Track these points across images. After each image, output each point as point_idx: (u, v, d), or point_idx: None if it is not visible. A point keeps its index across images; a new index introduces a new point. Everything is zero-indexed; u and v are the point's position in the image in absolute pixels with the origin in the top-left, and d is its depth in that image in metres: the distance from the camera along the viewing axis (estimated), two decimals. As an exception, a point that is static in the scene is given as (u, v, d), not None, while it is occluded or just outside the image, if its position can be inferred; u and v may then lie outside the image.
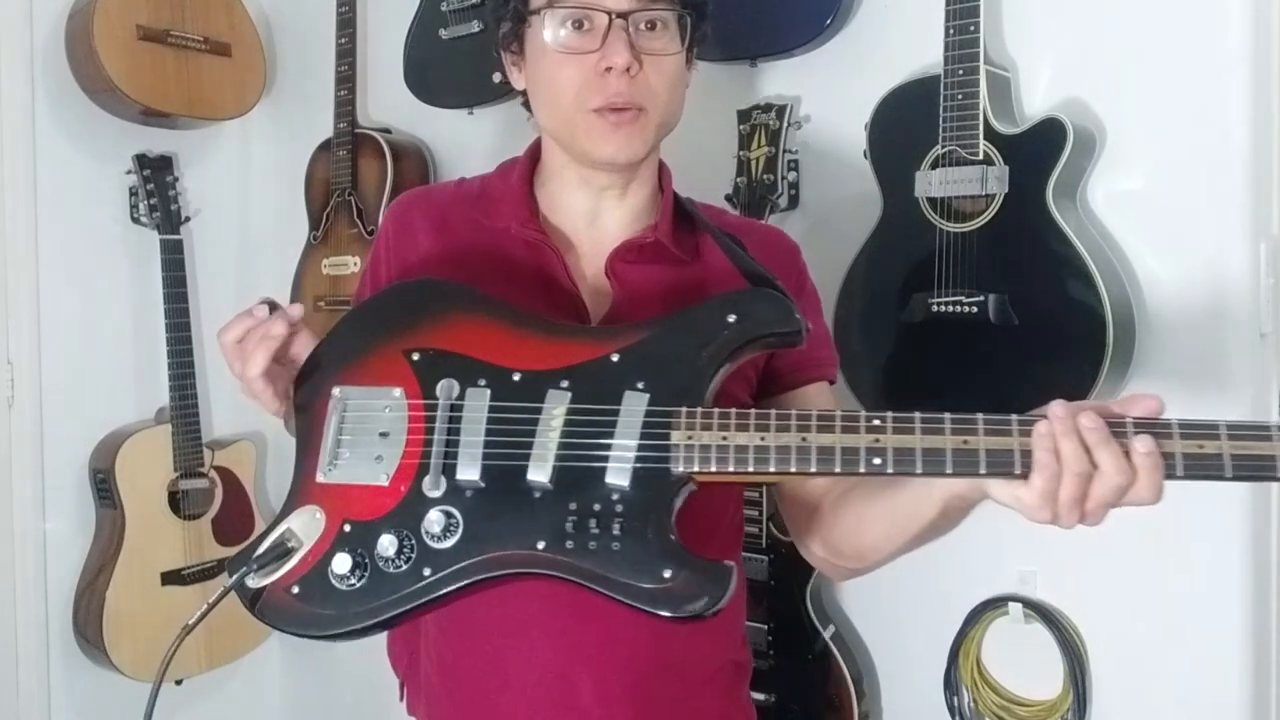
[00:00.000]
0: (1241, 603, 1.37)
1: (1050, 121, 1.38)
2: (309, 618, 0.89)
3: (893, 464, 0.82)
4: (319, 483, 0.94)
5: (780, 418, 0.85)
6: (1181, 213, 1.39)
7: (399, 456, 0.92)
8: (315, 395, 0.98)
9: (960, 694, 1.56)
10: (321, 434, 0.96)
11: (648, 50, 1.00)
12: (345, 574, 0.88)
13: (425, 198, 1.17)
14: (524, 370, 0.93)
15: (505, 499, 0.89)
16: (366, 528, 0.90)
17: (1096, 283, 1.33)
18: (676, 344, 0.92)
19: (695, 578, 0.83)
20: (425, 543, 0.88)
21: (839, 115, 1.64)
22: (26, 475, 2.19)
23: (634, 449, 0.87)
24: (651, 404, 0.88)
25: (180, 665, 2.25)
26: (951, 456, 0.81)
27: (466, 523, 0.88)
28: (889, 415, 0.83)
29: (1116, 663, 1.46)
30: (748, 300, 0.94)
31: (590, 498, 0.87)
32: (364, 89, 2.28)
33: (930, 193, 1.45)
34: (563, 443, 0.88)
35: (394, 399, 0.94)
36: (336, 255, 2.19)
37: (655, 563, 0.84)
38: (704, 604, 0.82)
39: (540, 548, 0.86)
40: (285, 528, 0.92)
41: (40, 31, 2.19)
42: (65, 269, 2.25)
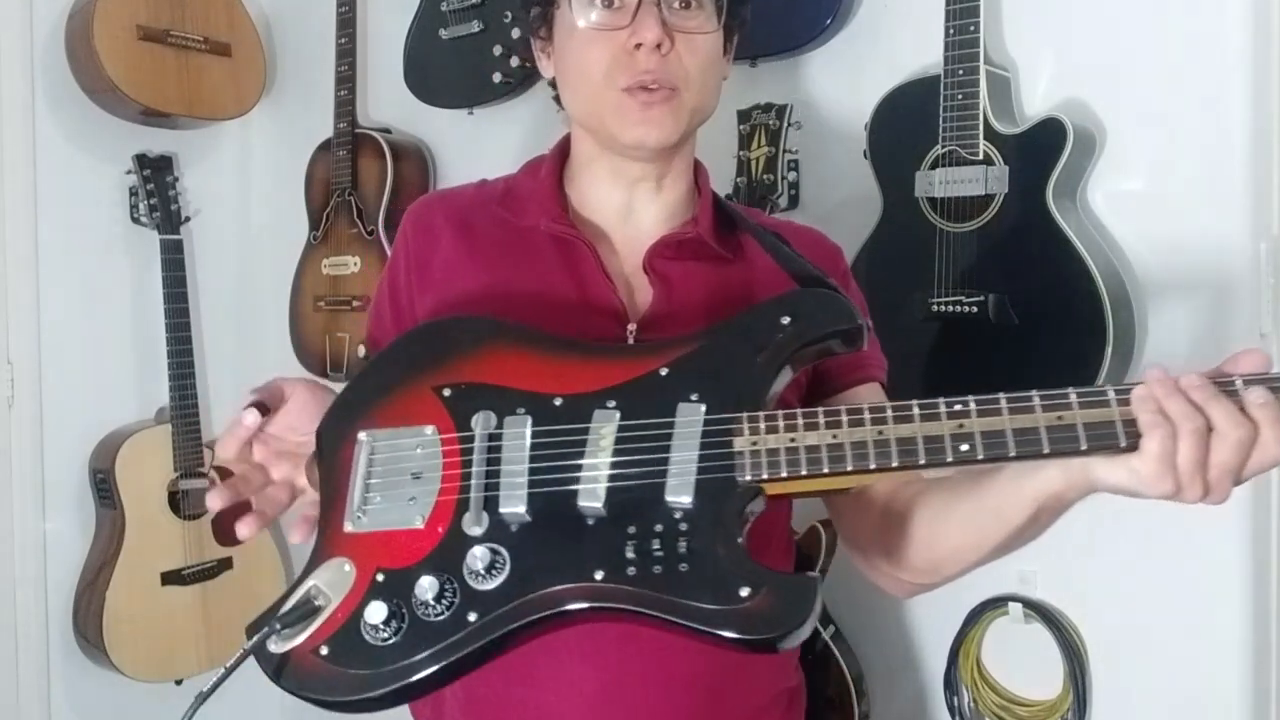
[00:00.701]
0: (1241, 603, 1.37)
1: (1050, 121, 1.38)
2: (339, 681, 0.79)
3: (983, 449, 0.74)
4: (347, 533, 0.85)
5: (852, 413, 0.78)
6: (1181, 213, 1.39)
7: (434, 495, 0.84)
8: (338, 443, 0.90)
9: (960, 694, 1.56)
10: (347, 482, 0.87)
11: (681, 28, 0.96)
12: (380, 624, 0.78)
13: (446, 199, 1.12)
14: (566, 394, 0.85)
15: (555, 530, 0.80)
16: (402, 575, 0.80)
17: (1096, 282, 1.33)
18: (729, 352, 0.85)
19: (777, 595, 0.73)
20: (468, 584, 0.78)
21: (839, 115, 1.64)
22: (26, 475, 2.19)
23: (694, 460, 0.79)
24: (709, 413, 0.81)
25: (180, 665, 2.25)
26: (1047, 434, 0.73)
27: (514, 559, 0.79)
28: (970, 399, 0.76)
29: (1116, 663, 1.46)
30: (802, 300, 0.88)
31: (650, 519, 0.78)
32: (364, 89, 2.28)
33: (930, 193, 1.45)
34: (615, 462, 0.80)
35: (426, 437, 0.86)
36: (336, 255, 2.19)
37: (730, 581, 0.74)
38: (789, 624, 0.72)
39: (599, 578, 0.77)
40: (311, 585, 0.83)
41: (40, 31, 2.19)
42: (65, 269, 2.25)
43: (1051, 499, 0.79)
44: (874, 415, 0.77)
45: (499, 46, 1.92)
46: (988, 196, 1.41)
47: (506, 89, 1.94)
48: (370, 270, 2.12)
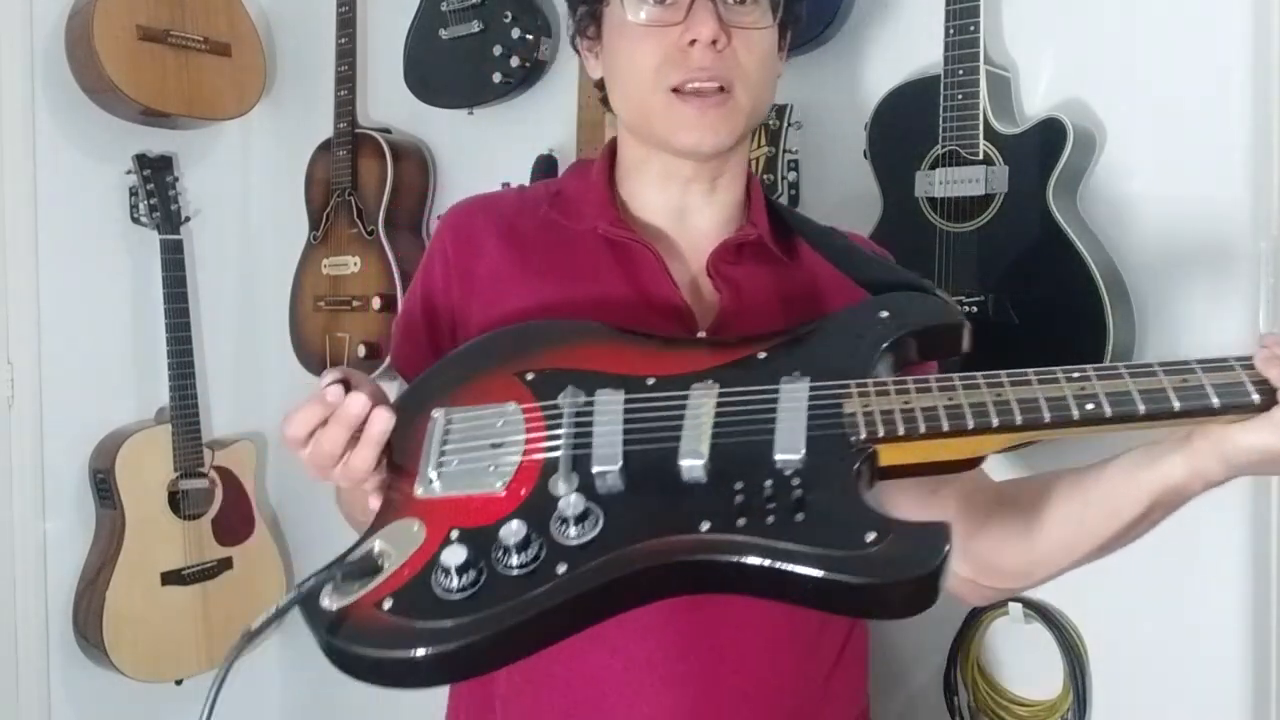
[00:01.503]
0: (1241, 602, 1.37)
1: (1050, 121, 1.38)
2: (403, 634, 0.66)
3: (1110, 405, 0.69)
4: (418, 498, 0.76)
5: (965, 378, 0.73)
6: (1181, 213, 1.39)
7: (515, 466, 0.75)
8: (411, 418, 0.81)
9: (960, 694, 1.55)
10: (419, 454, 0.78)
11: (736, 23, 0.92)
12: (456, 569, 0.67)
13: (486, 206, 1.07)
14: (660, 376, 0.79)
15: (654, 489, 0.72)
16: (481, 531, 0.70)
17: (1096, 282, 1.33)
18: (828, 339, 0.81)
19: (906, 539, 0.65)
20: (556, 539, 0.69)
21: (839, 115, 1.64)
22: (26, 475, 2.20)
23: (804, 420, 0.72)
24: (815, 383, 0.75)
25: (180, 665, 2.26)
26: (1175, 393, 0.69)
27: (608, 516, 0.70)
28: (1088, 367, 0.72)
29: (1116, 663, 1.46)
30: (896, 299, 0.84)
31: (759, 476, 0.70)
32: (364, 89, 2.28)
33: (930, 193, 1.45)
34: (718, 423, 0.74)
35: (508, 411, 0.79)
36: (336, 255, 2.19)
37: (852, 528, 0.66)
38: (922, 565, 0.63)
39: (705, 529, 0.68)
40: (374, 543, 0.72)
41: (40, 31, 2.20)
42: (65, 269, 2.25)
43: (1170, 493, 0.75)
44: (989, 381, 0.73)
45: (499, 46, 1.92)
46: (988, 196, 1.41)
47: (506, 89, 1.94)
48: (370, 270, 2.12)
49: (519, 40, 1.90)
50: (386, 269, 2.09)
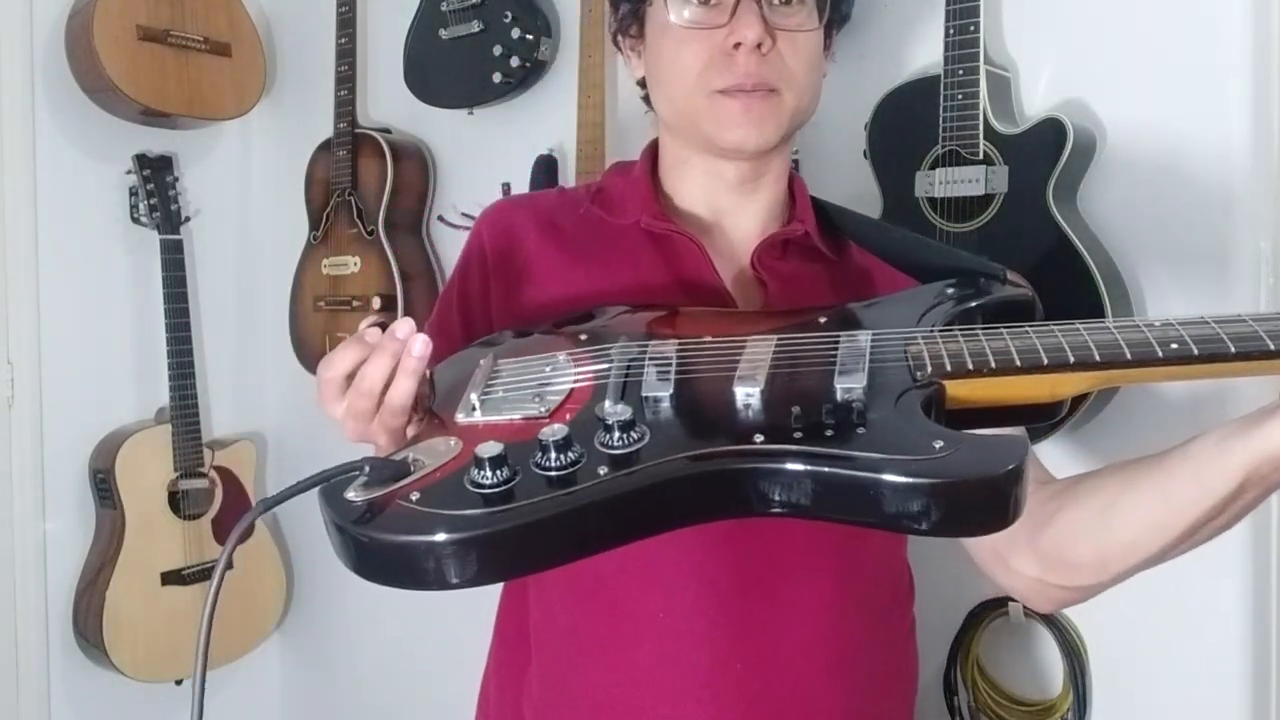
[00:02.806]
0: (1241, 602, 1.37)
1: (1050, 121, 1.38)
2: (429, 519, 0.60)
3: (1196, 345, 0.64)
4: (458, 422, 0.71)
5: (1038, 327, 0.69)
6: (1181, 213, 1.39)
7: (561, 396, 0.72)
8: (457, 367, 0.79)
9: (960, 694, 1.55)
10: (463, 389, 0.75)
11: (782, 26, 0.90)
12: (489, 460, 0.61)
13: (524, 203, 1.08)
14: (716, 335, 0.76)
15: (709, 405, 0.69)
16: (519, 444, 0.64)
17: (1096, 282, 1.33)
18: (891, 309, 0.79)
19: (978, 446, 0.60)
20: (598, 448, 0.64)
21: (839, 115, 1.64)
22: (26, 475, 2.20)
23: (866, 353, 0.69)
24: (876, 334, 0.72)
25: (180, 665, 2.26)
26: (1269, 334, 0.63)
27: (654, 430, 0.65)
28: (1172, 318, 0.67)
29: (1116, 663, 1.46)
30: (964, 278, 0.81)
31: (818, 399, 0.65)
32: (364, 89, 2.28)
33: (930, 193, 1.45)
34: (776, 358, 0.70)
35: (558, 361, 0.76)
36: (336, 255, 2.18)
37: (919, 437, 0.61)
38: (998, 465, 0.58)
39: (759, 440, 0.63)
40: (407, 453, 0.68)
41: (40, 31, 2.19)
42: (65, 269, 2.25)
43: (1266, 462, 0.69)
44: (1063, 328, 0.68)
45: (499, 46, 1.92)
46: (988, 196, 1.41)
47: (506, 89, 1.94)
48: (370, 270, 2.12)
49: (519, 40, 1.90)
50: (386, 269, 2.09)
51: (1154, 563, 0.81)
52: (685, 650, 0.89)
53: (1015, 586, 0.93)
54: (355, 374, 0.76)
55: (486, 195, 2.07)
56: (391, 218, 2.13)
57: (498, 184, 2.03)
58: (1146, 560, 0.81)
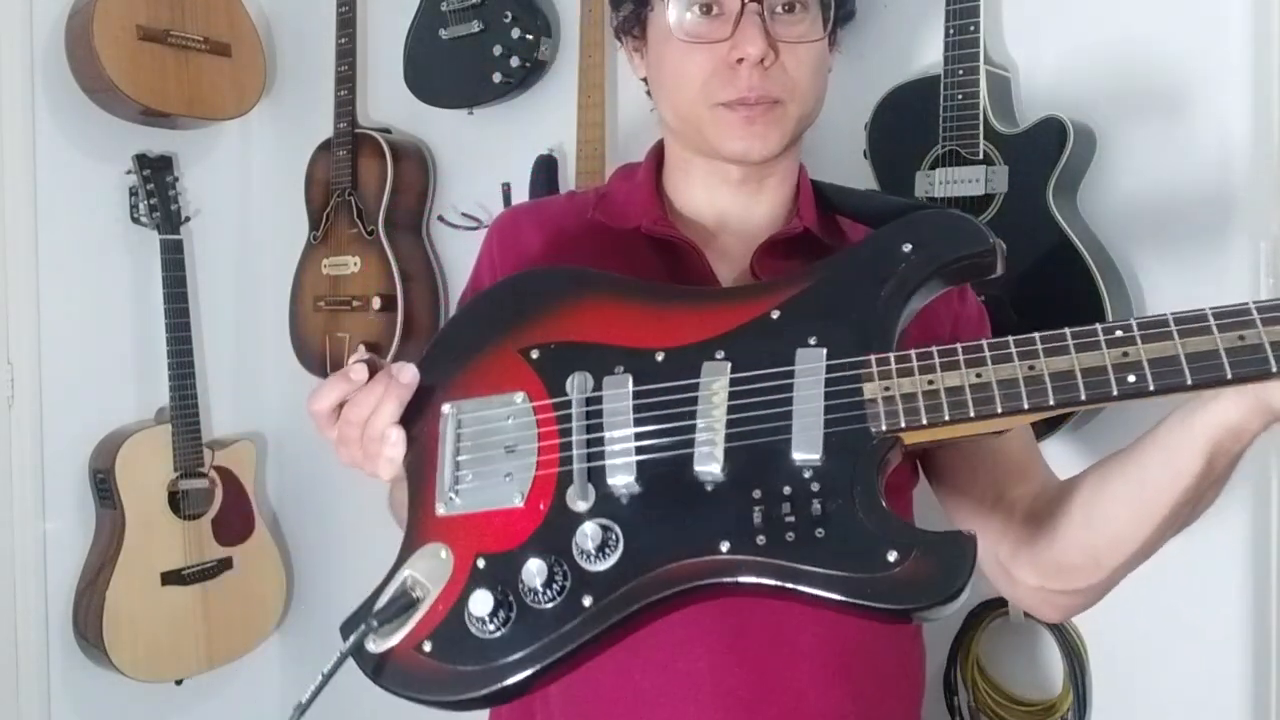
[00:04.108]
0: (1241, 602, 1.37)
1: (1050, 121, 1.38)
2: (447, 679, 0.71)
3: (1153, 379, 0.63)
4: (440, 516, 0.77)
5: (996, 347, 0.68)
6: (1181, 213, 1.39)
7: (532, 469, 0.76)
8: (421, 418, 0.82)
9: (960, 694, 1.55)
10: (435, 461, 0.79)
11: (785, 38, 0.89)
12: (487, 615, 0.70)
13: (533, 211, 1.08)
14: (668, 348, 0.76)
15: (671, 500, 0.72)
16: (506, 559, 0.73)
17: (1097, 282, 1.33)
18: (847, 287, 0.75)
19: (929, 558, 0.64)
20: (580, 565, 0.71)
21: (839, 115, 1.64)
22: (26, 475, 2.19)
23: (820, 411, 0.69)
24: (831, 358, 0.71)
25: (180, 665, 2.26)
26: (1228, 357, 0.62)
27: (628, 535, 0.71)
28: (1133, 323, 0.66)
29: (1116, 663, 1.46)
30: (924, 224, 0.77)
31: (777, 480, 0.69)
32: (364, 89, 2.28)
33: (930, 193, 1.45)
34: (731, 419, 0.71)
35: (516, 405, 0.78)
36: (336, 255, 2.18)
37: (874, 546, 0.65)
38: (945, 590, 0.63)
39: (725, 550, 0.68)
40: (406, 575, 0.75)
41: (40, 31, 2.19)
42: (65, 269, 2.25)
43: (1228, 434, 0.70)
44: (1022, 349, 0.67)
45: (499, 46, 1.92)
46: (988, 196, 1.41)
47: (506, 89, 1.94)
48: (370, 270, 2.12)
49: (519, 40, 1.90)
50: (386, 269, 2.09)
51: (1146, 551, 0.81)
52: (684, 653, 0.89)
53: (1021, 598, 0.93)
54: (344, 405, 0.82)
55: (486, 195, 2.08)
56: (391, 218, 2.13)
57: (498, 184, 2.03)
58: (1138, 550, 0.80)
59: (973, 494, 0.95)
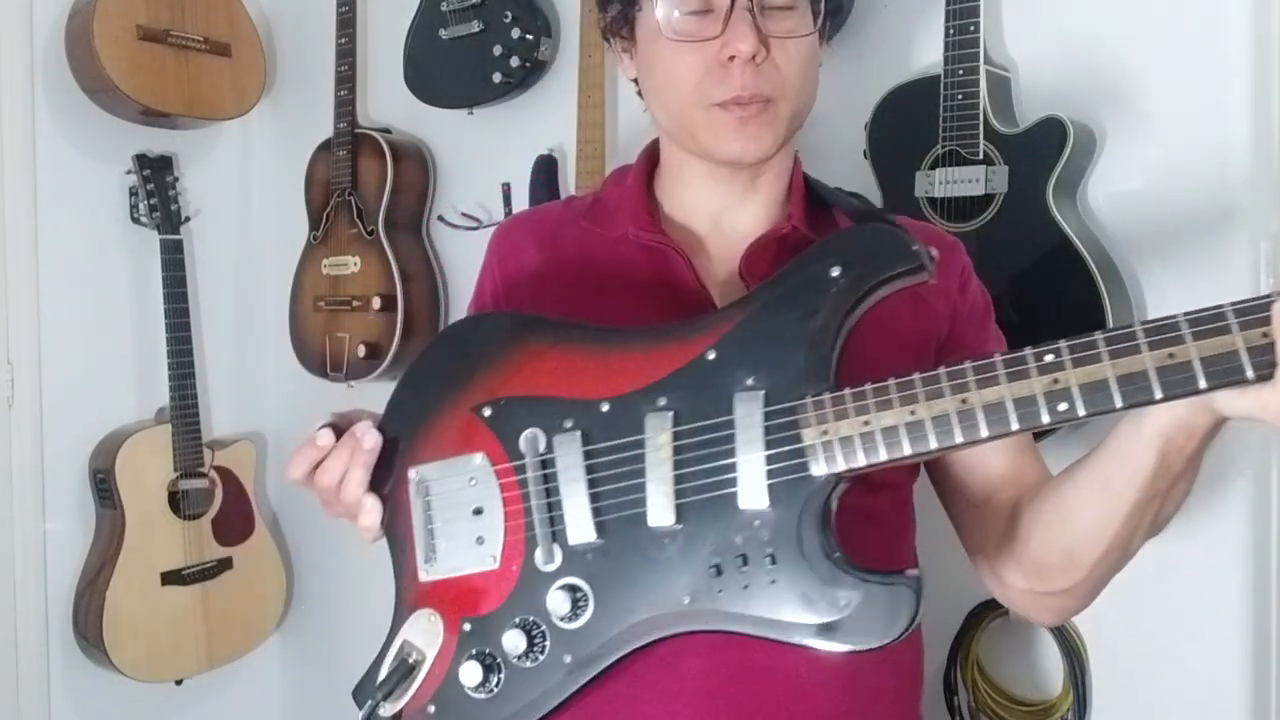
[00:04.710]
0: (1241, 602, 1.37)
1: (1050, 121, 1.38)
2: None
3: (1084, 404, 0.65)
4: (423, 582, 0.83)
5: (928, 381, 0.69)
6: (1181, 213, 1.39)
7: (501, 531, 0.81)
8: (391, 483, 0.87)
9: (960, 694, 1.55)
10: (410, 526, 0.85)
11: (776, 33, 0.88)
12: (478, 684, 0.77)
13: (531, 219, 1.08)
14: (612, 397, 0.79)
15: (633, 554, 0.75)
16: (487, 623, 0.79)
17: (1096, 282, 1.33)
18: (780, 320, 0.76)
19: (875, 601, 0.68)
20: (556, 626, 0.77)
21: (839, 115, 1.64)
22: (26, 475, 2.19)
23: (762, 462, 0.72)
24: (769, 403, 0.73)
25: (180, 665, 2.26)
26: (1157, 377, 0.63)
27: (597, 592, 0.76)
28: (1063, 345, 0.67)
29: (1116, 663, 1.46)
30: (850, 243, 0.78)
31: (729, 530, 0.73)
32: (364, 89, 2.28)
33: (930, 193, 1.45)
34: (679, 474, 0.75)
35: (476, 467, 0.82)
36: (336, 255, 2.18)
37: (824, 591, 0.70)
38: (892, 632, 0.68)
39: (688, 602, 0.73)
40: (402, 641, 0.83)
41: (40, 31, 2.19)
42: (65, 269, 2.24)
43: (1178, 431, 0.70)
44: (953, 382, 0.69)
45: (499, 46, 1.92)
46: (988, 196, 1.41)
47: (506, 89, 1.94)
48: (370, 270, 2.12)
49: (519, 40, 1.90)
50: (386, 269, 2.09)
51: (1122, 549, 0.81)
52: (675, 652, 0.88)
53: (1012, 600, 0.94)
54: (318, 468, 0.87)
55: (486, 195, 2.08)
56: (391, 218, 2.13)
57: (498, 184, 2.03)
58: (1110, 549, 0.81)
59: (964, 494, 0.96)
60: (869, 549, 0.91)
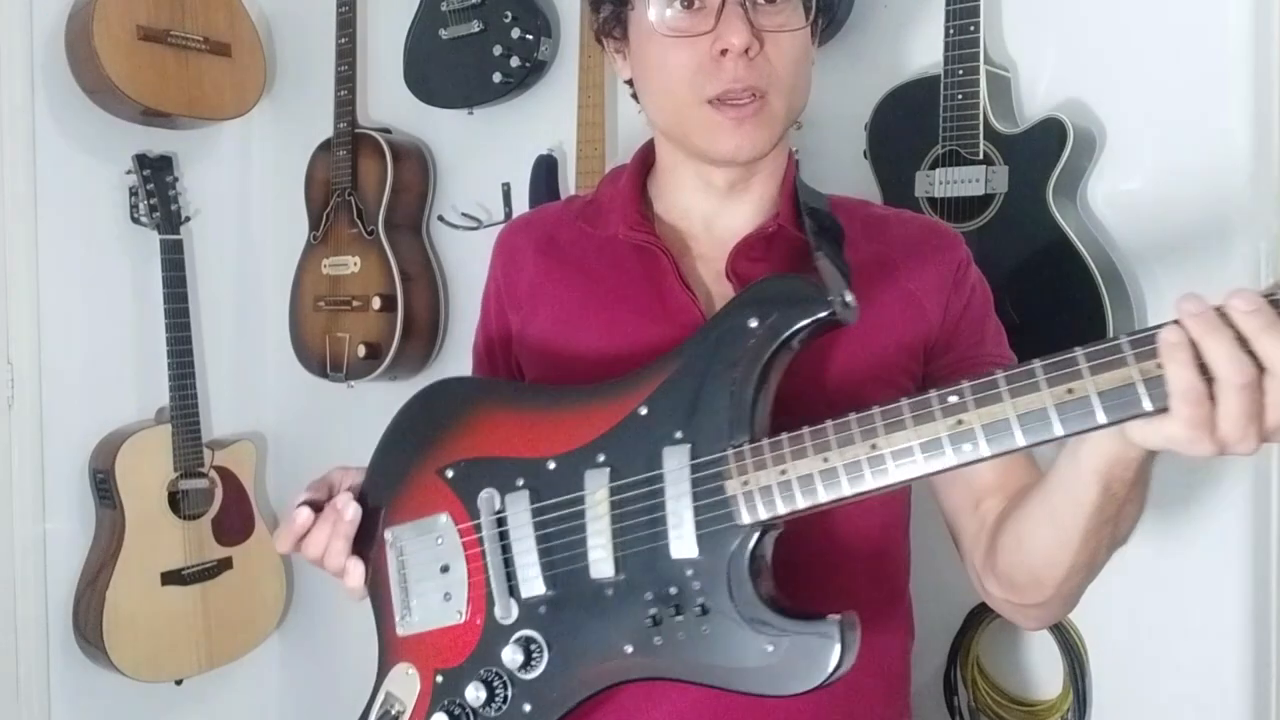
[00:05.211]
0: (1241, 602, 1.37)
1: (1050, 121, 1.38)
2: None
3: (987, 444, 0.67)
4: (400, 637, 0.90)
5: (839, 429, 0.72)
6: (1181, 213, 1.39)
7: (466, 587, 0.86)
8: (372, 544, 0.93)
9: (960, 694, 1.55)
10: (388, 584, 0.92)
11: (768, 27, 0.88)
12: None
13: (531, 221, 1.09)
14: (557, 455, 0.84)
15: (581, 605, 0.80)
16: (456, 675, 0.85)
17: (1096, 282, 1.33)
18: (704, 373, 0.80)
19: (798, 648, 0.72)
20: (515, 675, 0.82)
21: (839, 115, 1.64)
22: (26, 475, 2.19)
23: (691, 514, 0.76)
24: (695, 455, 0.77)
25: (180, 665, 2.26)
26: (1057, 414, 0.64)
27: (550, 642, 0.82)
28: (966, 387, 0.68)
29: (1116, 663, 1.46)
30: (765, 293, 0.81)
31: (664, 580, 0.77)
32: (364, 89, 2.28)
33: (930, 193, 1.45)
34: (616, 528, 0.79)
35: (442, 527, 0.88)
36: (336, 255, 2.18)
37: (753, 639, 0.73)
38: (813, 678, 0.71)
39: (630, 652, 0.78)
40: (385, 693, 0.90)
41: (40, 31, 2.19)
42: (65, 269, 2.24)
43: (1113, 464, 0.70)
44: (864, 429, 0.71)
45: (499, 46, 1.92)
46: (988, 196, 1.41)
47: (506, 89, 1.94)
48: (370, 270, 2.12)
49: (519, 40, 1.90)
50: (386, 269, 2.09)
51: (1084, 568, 0.81)
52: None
53: (997, 607, 0.94)
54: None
55: (486, 195, 2.08)
56: (391, 218, 2.13)
57: (498, 184, 2.03)
58: (1073, 571, 0.81)
59: (952, 499, 0.96)
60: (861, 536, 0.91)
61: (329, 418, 2.35)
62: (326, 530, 0.92)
